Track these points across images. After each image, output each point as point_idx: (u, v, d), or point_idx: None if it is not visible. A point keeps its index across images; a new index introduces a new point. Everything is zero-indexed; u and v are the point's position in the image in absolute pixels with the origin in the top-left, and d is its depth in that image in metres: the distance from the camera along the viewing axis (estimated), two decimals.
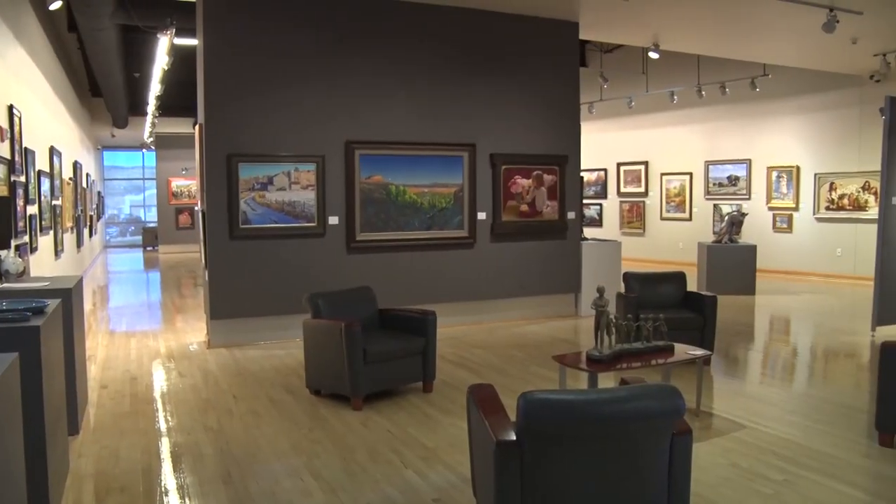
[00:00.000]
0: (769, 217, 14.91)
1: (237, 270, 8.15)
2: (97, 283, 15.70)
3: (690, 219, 16.43)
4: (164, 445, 4.99)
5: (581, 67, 10.83)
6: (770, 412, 5.61)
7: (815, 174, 14.12)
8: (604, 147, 17.69)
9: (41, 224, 8.79)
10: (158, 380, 6.86)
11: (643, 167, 17.42)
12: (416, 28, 8.98)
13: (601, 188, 18.45)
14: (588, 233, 11.54)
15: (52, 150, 10.16)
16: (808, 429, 5.20)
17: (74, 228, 13.60)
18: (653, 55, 11.24)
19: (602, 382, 5.34)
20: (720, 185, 15.82)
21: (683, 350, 5.57)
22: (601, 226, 18.18)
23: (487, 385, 3.74)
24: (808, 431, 5.14)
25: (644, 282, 7.63)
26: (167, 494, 4.16)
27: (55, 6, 8.01)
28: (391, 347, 5.91)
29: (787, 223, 14.64)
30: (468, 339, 8.52)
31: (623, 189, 17.97)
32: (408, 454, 4.74)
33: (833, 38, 9.56)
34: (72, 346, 5.01)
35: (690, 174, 16.37)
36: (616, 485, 3.00)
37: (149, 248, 24.71)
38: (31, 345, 3.61)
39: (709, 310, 7.05)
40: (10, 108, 7.08)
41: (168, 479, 4.38)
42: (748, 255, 12.32)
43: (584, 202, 14.97)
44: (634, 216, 17.74)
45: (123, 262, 21.40)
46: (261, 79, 8.20)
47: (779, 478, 4.27)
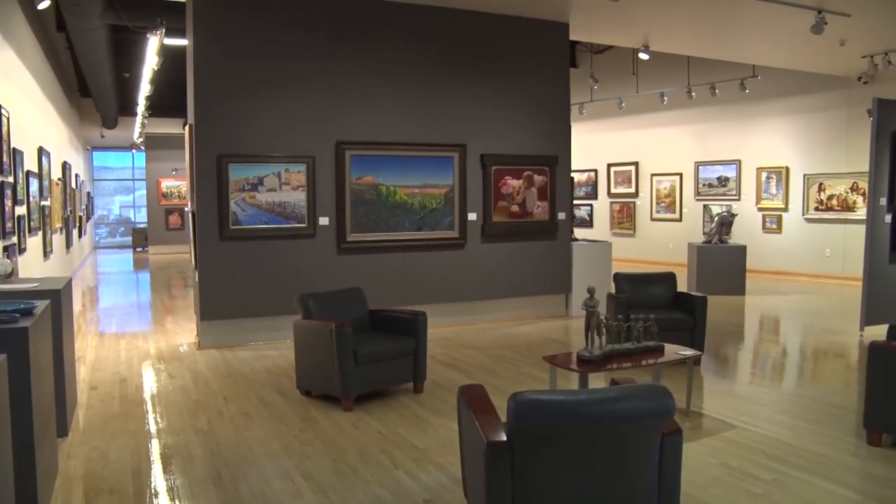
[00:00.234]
0: (759, 218, 14.98)
1: (227, 271, 8.13)
2: (87, 284, 15.62)
3: (681, 219, 16.49)
4: (154, 447, 4.97)
5: (571, 68, 10.85)
6: (760, 412, 5.64)
7: (804, 175, 14.19)
8: (594, 148, 17.74)
9: (30, 225, 8.74)
10: (148, 381, 6.83)
11: (633, 168, 17.47)
12: (407, 29, 8.98)
13: (591, 189, 18.49)
14: (578, 233, 11.56)
15: (41, 151, 10.10)
16: (798, 428, 5.23)
17: (63, 229, 13.53)
18: (643, 56, 11.28)
19: (592, 383, 5.34)
20: (710, 186, 15.88)
21: (673, 350, 5.58)
22: (591, 226, 18.23)
23: (478, 386, 3.75)
24: (798, 431, 5.16)
25: (634, 282, 7.65)
26: (157, 496, 4.15)
27: (43, 6, 7.97)
28: (382, 348, 5.90)
29: (777, 224, 14.71)
30: (459, 340, 8.52)
31: (613, 190, 18.01)
32: (398, 455, 4.74)
33: (821, 40, 9.62)
34: (61, 348, 4.98)
35: (680, 175, 16.43)
36: (606, 485, 3.01)
37: (139, 249, 24.61)
38: (20, 346, 3.59)
39: (699, 310, 7.07)
40: None
41: (158, 481, 4.36)
42: (738, 256, 12.37)
43: (575, 203, 15.00)
44: (625, 217, 17.78)
45: (113, 263, 21.31)
46: (251, 79, 8.18)
47: (768, 477, 4.29)
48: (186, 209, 14.65)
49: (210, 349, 8.08)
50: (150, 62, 10.17)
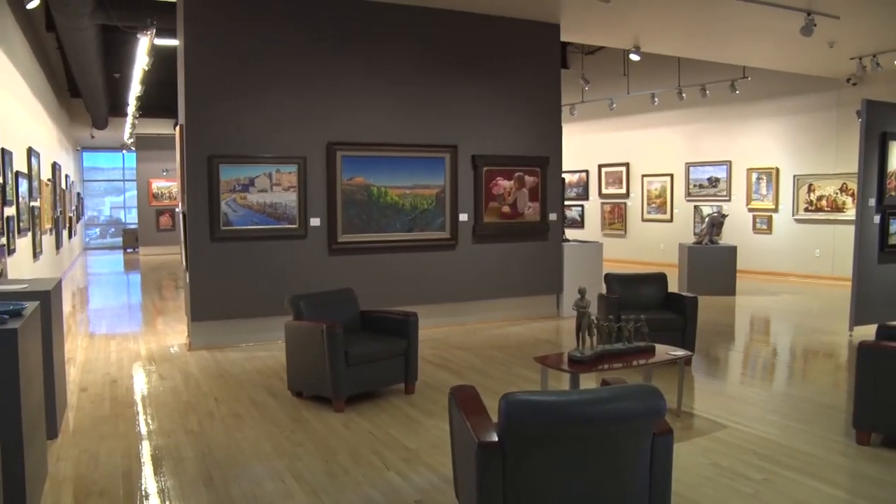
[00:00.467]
0: (749, 218, 15.04)
1: (218, 272, 8.11)
2: (77, 286, 15.55)
3: (671, 220, 16.54)
4: (145, 448, 4.95)
5: (562, 69, 10.86)
6: (750, 412, 5.66)
7: (794, 176, 14.26)
8: (585, 148, 17.77)
9: (19, 226, 8.69)
10: (139, 382, 6.81)
11: (624, 168, 17.51)
12: (398, 29, 8.97)
13: (583, 189, 18.52)
14: (570, 234, 11.58)
15: (31, 151, 10.05)
16: (788, 428, 5.25)
17: (53, 230, 13.46)
18: (634, 57, 11.30)
19: (584, 383, 5.35)
20: (701, 187, 15.93)
21: (664, 351, 5.60)
22: (583, 227, 18.26)
23: (469, 386, 3.75)
24: (788, 430, 5.19)
25: (625, 283, 7.67)
26: (147, 498, 4.13)
27: (32, 5, 7.93)
28: (373, 349, 5.90)
29: (767, 224, 14.77)
30: (450, 341, 8.53)
31: (604, 190, 18.05)
32: (390, 456, 4.74)
33: (811, 42, 9.66)
34: (50, 349, 4.95)
35: (671, 176, 16.47)
36: (598, 485, 3.01)
37: (129, 250, 24.50)
38: (9, 348, 3.57)
39: (690, 310, 7.10)
40: None
41: (148, 483, 4.35)
42: (728, 256, 12.42)
43: (566, 203, 14.99)
44: (616, 217, 17.82)
45: (103, 264, 21.21)
46: (242, 80, 8.16)
47: (759, 477, 4.31)
48: (177, 210, 14.61)
49: (201, 350, 8.05)
50: (141, 62, 10.13)
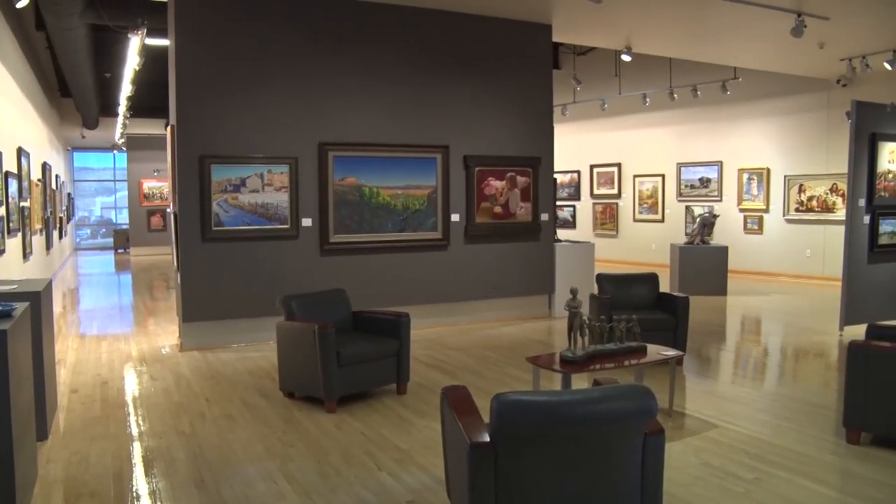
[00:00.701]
0: (740, 218, 15.09)
1: (210, 273, 8.08)
2: (67, 286, 15.48)
3: (663, 220, 16.58)
4: (136, 450, 4.93)
5: (554, 70, 10.88)
6: (741, 411, 5.68)
7: (785, 176, 14.32)
8: (577, 149, 17.80)
9: (9, 226, 8.65)
10: (130, 383, 6.78)
11: (616, 169, 17.55)
12: (391, 30, 8.97)
13: (574, 190, 18.55)
14: (561, 234, 11.61)
15: (20, 151, 9.99)
16: (779, 427, 5.27)
17: (43, 230, 13.40)
18: (625, 58, 11.33)
19: (575, 383, 5.37)
20: (692, 187, 15.98)
21: (656, 351, 5.62)
22: (574, 227, 18.29)
23: (461, 387, 3.75)
24: (779, 430, 5.21)
25: (617, 283, 7.69)
26: (139, 500, 4.12)
27: (22, 4, 7.88)
28: (365, 350, 5.90)
29: (758, 225, 14.83)
30: (442, 341, 8.53)
31: (596, 191, 18.09)
32: (382, 456, 4.74)
33: (801, 43, 9.71)
34: (40, 351, 4.93)
35: (663, 176, 16.52)
36: (589, 485, 3.02)
37: (120, 251, 24.40)
38: None
39: (681, 310, 7.12)
40: None
41: (140, 484, 4.33)
42: (720, 257, 12.46)
43: (558, 204, 15.04)
44: (607, 218, 17.86)
45: (94, 265, 21.12)
46: (234, 80, 8.14)
47: (750, 476, 4.33)
48: (168, 210, 14.56)
49: (192, 351, 8.03)
50: (132, 62, 10.09)
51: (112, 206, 28.31)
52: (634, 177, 17.15)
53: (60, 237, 18.10)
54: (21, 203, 9.87)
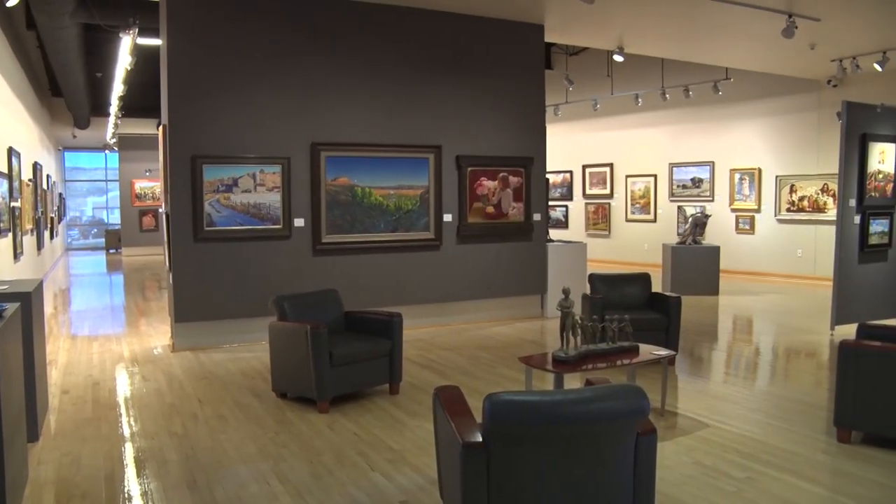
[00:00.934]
0: (732, 219, 15.14)
1: (202, 273, 8.06)
2: (59, 287, 15.41)
3: (655, 220, 16.62)
4: (128, 451, 4.92)
5: (546, 70, 10.90)
6: (733, 410, 5.70)
7: (776, 176, 14.37)
8: (569, 149, 17.82)
9: None
10: (122, 384, 6.76)
11: (608, 169, 17.58)
12: (383, 30, 8.96)
13: (567, 190, 18.58)
14: (554, 234, 11.61)
15: (11, 151, 9.95)
16: (770, 426, 5.29)
17: (34, 231, 13.34)
18: (617, 58, 11.35)
19: (568, 383, 5.38)
20: (684, 187, 16.02)
21: (648, 350, 5.63)
22: (567, 227, 18.31)
23: (453, 387, 3.75)
24: (770, 429, 5.23)
25: (609, 283, 7.70)
26: (130, 501, 4.10)
27: (12, 3, 7.85)
28: (357, 350, 5.89)
29: (750, 225, 14.88)
30: (434, 341, 8.53)
31: (588, 191, 18.11)
32: (374, 457, 4.74)
33: (792, 44, 9.75)
34: (31, 351, 4.91)
35: (655, 176, 16.56)
36: (582, 485, 3.02)
37: (112, 251, 24.31)
38: None
39: (673, 310, 7.14)
40: None
41: (132, 486, 4.32)
42: (712, 257, 12.50)
43: (550, 204, 15.07)
44: (600, 218, 17.89)
45: (86, 265, 21.03)
46: (226, 80, 8.13)
47: (741, 475, 4.34)
48: (160, 210, 14.52)
49: (185, 351, 8.01)
50: (123, 62, 10.05)
51: (104, 207, 28.20)
52: (627, 177, 17.18)
53: (52, 237, 18.03)
54: (12, 203, 9.83)
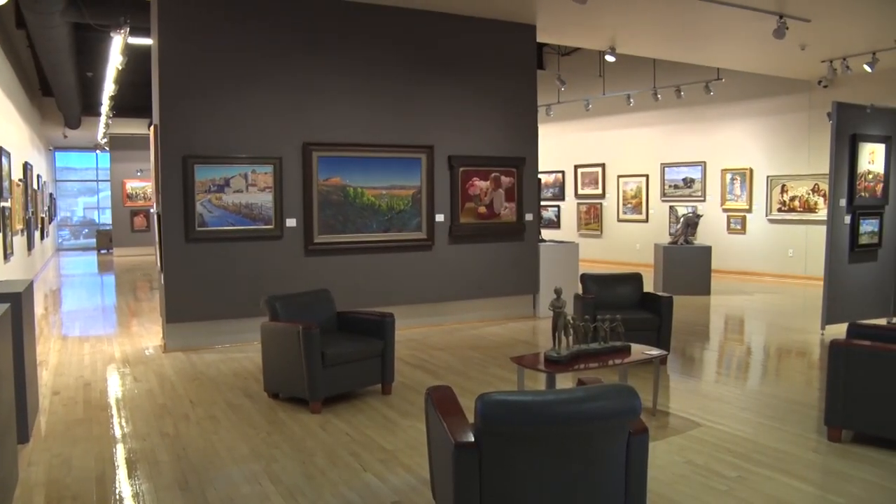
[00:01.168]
0: (723, 219, 15.19)
1: (193, 273, 8.04)
2: (49, 287, 15.34)
3: (647, 220, 16.66)
4: (119, 452, 4.90)
5: (538, 70, 10.91)
6: (724, 410, 5.72)
7: (768, 176, 14.42)
8: (561, 149, 17.85)
9: None
10: (113, 385, 6.74)
11: (600, 169, 17.61)
12: (375, 30, 8.95)
13: (559, 190, 18.60)
14: (546, 234, 11.63)
15: (0, 151, 9.90)
16: (761, 426, 5.31)
17: (25, 231, 13.27)
18: (609, 58, 11.38)
19: (560, 383, 5.38)
20: (676, 187, 16.06)
21: (640, 350, 5.64)
22: (559, 227, 18.34)
23: (446, 387, 3.76)
24: (761, 428, 5.25)
25: (601, 283, 7.72)
26: (122, 502, 4.09)
27: (1, 2, 7.81)
28: (349, 350, 5.89)
29: (741, 225, 14.93)
30: (427, 341, 8.53)
31: (580, 191, 18.14)
32: (367, 457, 4.73)
33: (783, 44, 9.79)
34: (21, 352, 4.89)
35: (647, 176, 16.59)
36: (574, 484, 3.03)
37: (103, 251, 24.21)
38: None
39: (665, 310, 7.15)
40: None
41: (123, 487, 4.31)
42: (703, 256, 12.54)
43: (542, 204, 15.07)
44: (592, 218, 17.92)
45: (77, 266, 20.94)
46: (217, 79, 8.11)
47: (733, 474, 4.36)
48: (152, 210, 14.47)
49: (176, 352, 7.99)
50: (115, 61, 10.01)
51: (95, 207, 28.08)
52: (619, 177, 17.21)
53: (42, 238, 17.94)
54: (1, 203, 9.78)
